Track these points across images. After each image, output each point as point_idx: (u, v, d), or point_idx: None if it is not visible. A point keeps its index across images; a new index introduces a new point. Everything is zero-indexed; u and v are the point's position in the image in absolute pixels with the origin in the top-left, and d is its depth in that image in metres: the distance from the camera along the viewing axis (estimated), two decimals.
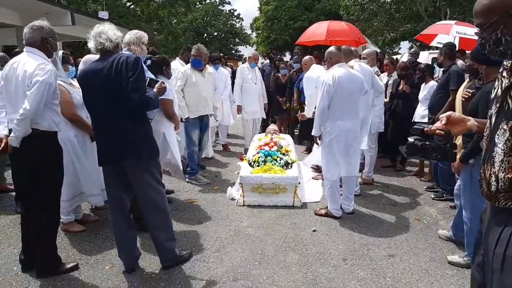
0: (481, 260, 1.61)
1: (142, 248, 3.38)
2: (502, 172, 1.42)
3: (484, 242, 1.57)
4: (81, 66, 3.79)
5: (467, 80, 3.90)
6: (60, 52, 3.69)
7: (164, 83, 3.30)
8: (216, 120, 6.02)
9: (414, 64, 6.52)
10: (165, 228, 3.09)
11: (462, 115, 1.76)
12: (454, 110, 3.79)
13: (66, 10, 11.57)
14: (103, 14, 16.36)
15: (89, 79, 2.82)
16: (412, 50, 8.77)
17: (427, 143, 2.32)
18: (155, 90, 3.05)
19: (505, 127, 1.42)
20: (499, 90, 1.51)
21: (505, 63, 1.53)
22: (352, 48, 5.22)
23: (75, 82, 3.73)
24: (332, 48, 4.20)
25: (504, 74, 1.51)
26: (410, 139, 2.34)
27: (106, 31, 2.82)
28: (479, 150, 1.77)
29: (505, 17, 1.36)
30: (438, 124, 1.73)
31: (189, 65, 5.31)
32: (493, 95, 1.56)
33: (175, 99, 4.15)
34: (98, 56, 2.91)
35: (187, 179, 5.44)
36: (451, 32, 8.04)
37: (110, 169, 2.94)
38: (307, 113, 5.76)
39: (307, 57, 6.33)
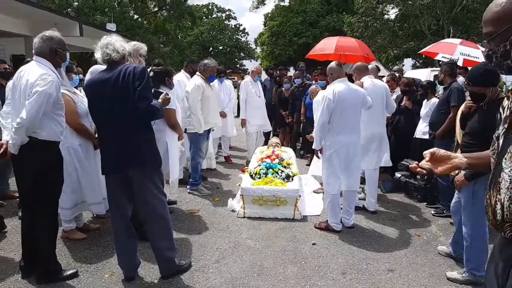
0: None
1: (142, 257, 3.39)
2: (508, 200, 1.30)
3: (495, 273, 1.45)
4: (88, 76, 3.86)
5: (468, 98, 3.92)
6: None
7: (168, 95, 3.37)
8: (212, 130, 6.07)
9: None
10: (166, 238, 3.11)
11: (448, 152, 1.58)
12: (455, 127, 3.84)
13: (74, 21, 11.79)
14: (111, 26, 16.66)
15: (96, 88, 2.87)
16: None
17: (412, 181, 2.24)
18: (159, 100, 3.12)
19: None
20: (508, 110, 1.39)
21: None
22: (370, 66, 5.27)
23: (79, 92, 3.81)
24: (332, 64, 4.27)
25: None
26: (397, 174, 2.26)
27: (113, 42, 2.89)
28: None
29: None
30: (423, 162, 1.57)
31: (198, 78, 5.36)
32: (503, 115, 1.43)
33: (177, 109, 4.22)
34: (104, 67, 2.98)
35: (188, 190, 5.47)
36: (455, 53, 8.09)
37: (113, 177, 2.98)
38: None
39: (313, 87, 6.43)
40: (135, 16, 31.56)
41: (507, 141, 1.34)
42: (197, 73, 5.48)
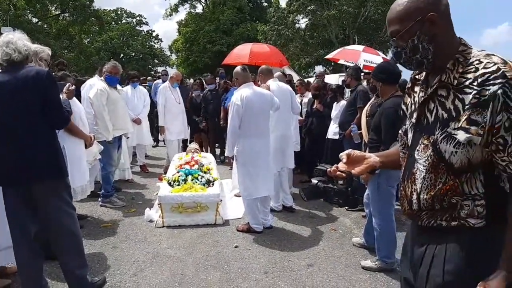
0: (410, 277, 1.52)
1: (50, 277, 3.08)
2: (425, 190, 1.36)
3: (411, 262, 1.50)
4: None
5: (373, 98, 4.24)
6: None
7: (71, 86, 3.21)
8: (127, 138, 5.78)
9: (323, 85, 6.97)
10: (76, 254, 2.84)
11: (363, 153, 1.59)
12: (361, 126, 4.12)
13: None
14: (7, 30, 15.07)
15: None
16: (317, 72, 9.49)
17: (330, 185, 2.18)
18: (64, 95, 2.91)
19: (425, 142, 1.35)
20: (412, 105, 1.47)
21: (417, 77, 1.49)
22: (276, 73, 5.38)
23: None
24: (238, 69, 4.28)
25: (416, 89, 1.47)
26: (314, 181, 2.21)
27: (15, 41, 2.57)
28: None
29: (420, 23, 1.31)
30: (340, 164, 1.55)
31: (100, 82, 5.03)
32: (407, 111, 1.50)
33: (75, 113, 3.95)
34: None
35: (100, 203, 5.11)
36: (359, 60, 8.80)
37: (12, 191, 2.64)
38: None
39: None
40: (34, 20, 29.02)
41: (417, 134, 1.40)
42: (97, 77, 5.18)
